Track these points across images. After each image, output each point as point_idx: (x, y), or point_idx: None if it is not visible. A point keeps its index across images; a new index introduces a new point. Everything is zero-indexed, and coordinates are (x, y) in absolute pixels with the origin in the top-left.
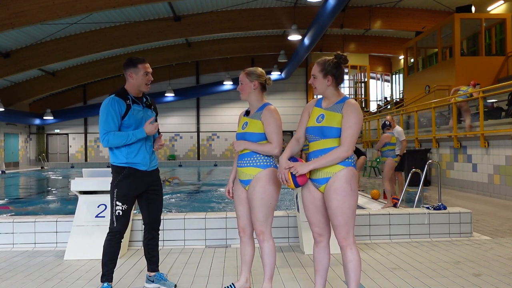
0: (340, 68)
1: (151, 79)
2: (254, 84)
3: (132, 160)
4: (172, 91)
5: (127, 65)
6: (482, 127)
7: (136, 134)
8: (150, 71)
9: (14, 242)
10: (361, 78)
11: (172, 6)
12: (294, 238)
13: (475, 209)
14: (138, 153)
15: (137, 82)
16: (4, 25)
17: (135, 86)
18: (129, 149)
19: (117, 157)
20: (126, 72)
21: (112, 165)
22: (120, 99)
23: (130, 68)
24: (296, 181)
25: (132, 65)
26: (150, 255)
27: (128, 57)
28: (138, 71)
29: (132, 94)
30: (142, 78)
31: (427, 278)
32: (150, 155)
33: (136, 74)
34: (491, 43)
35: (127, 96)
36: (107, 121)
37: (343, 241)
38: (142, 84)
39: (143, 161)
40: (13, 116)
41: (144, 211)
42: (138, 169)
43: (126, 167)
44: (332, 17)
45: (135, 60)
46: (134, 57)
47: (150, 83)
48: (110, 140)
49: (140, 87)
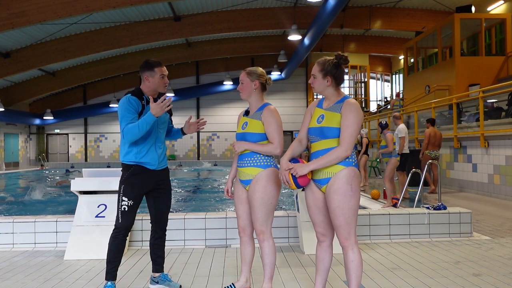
0: (340, 68)
1: (168, 81)
2: (255, 83)
3: (141, 160)
4: (172, 91)
5: (143, 68)
6: (482, 127)
7: (145, 119)
8: (167, 73)
9: (14, 242)
10: (361, 78)
11: (172, 6)
12: (294, 238)
13: (475, 209)
14: (147, 153)
15: (153, 85)
16: (4, 25)
17: (151, 88)
18: (138, 149)
19: (127, 156)
20: (143, 75)
21: (122, 163)
22: (136, 98)
23: (146, 71)
24: (297, 182)
25: (148, 68)
26: (156, 255)
27: (146, 58)
28: (154, 74)
29: (147, 95)
30: (159, 81)
31: (427, 278)
32: (159, 156)
33: (152, 77)
34: (491, 43)
35: (142, 96)
36: (124, 117)
37: (344, 241)
38: (159, 86)
39: (151, 161)
40: (13, 116)
41: (151, 210)
42: (146, 167)
43: (134, 164)
44: (332, 17)
45: (152, 63)
46: (151, 60)
47: (167, 85)
48: (125, 136)
49: (158, 89)
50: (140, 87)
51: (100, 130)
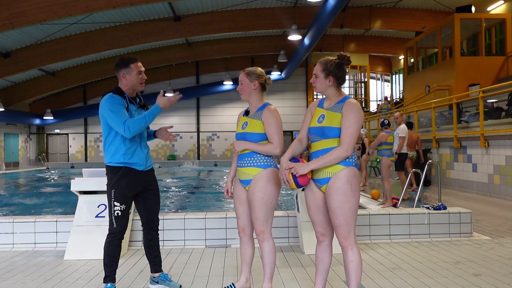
0: (342, 68)
1: (145, 77)
2: (254, 84)
3: (129, 161)
4: (172, 91)
5: (119, 66)
6: (482, 127)
7: (152, 111)
8: (143, 69)
9: (14, 242)
10: (361, 78)
11: (172, 6)
12: (294, 238)
13: (475, 209)
14: (134, 153)
15: (130, 82)
16: (4, 25)
17: (129, 86)
18: (126, 149)
19: (113, 157)
20: (119, 73)
21: (108, 166)
22: (118, 96)
23: (122, 69)
24: (297, 182)
25: (124, 65)
26: (152, 256)
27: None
28: (131, 71)
29: (127, 93)
30: (136, 78)
31: (427, 278)
32: (145, 155)
33: (129, 75)
34: (491, 43)
35: (124, 95)
36: (118, 113)
37: (344, 241)
38: (136, 84)
39: (139, 161)
40: (13, 116)
41: (141, 211)
42: (134, 168)
43: (122, 167)
44: (332, 17)
45: (127, 60)
46: (125, 57)
47: (144, 82)
48: (130, 127)
49: (135, 86)
50: (118, 86)
51: (100, 130)
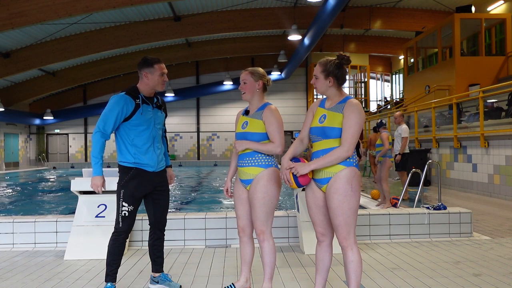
0: (342, 68)
1: (167, 79)
2: (258, 83)
3: (140, 160)
4: (172, 91)
5: (142, 65)
6: (482, 127)
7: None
8: (166, 71)
9: (14, 242)
10: (361, 78)
11: (172, 6)
12: (294, 238)
13: (475, 209)
14: (146, 153)
15: (152, 82)
16: (4, 25)
17: (150, 86)
18: (137, 149)
19: (125, 156)
20: (141, 72)
21: (119, 165)
22: (129, 98)
23: (145, 68)
24: (298, 181)
25: (147, 65)
26: (156, 255)
27: (143, 56)
28: (154, 71)
29: (143, 93)
30: (158, 79)
31: (427, 278)
32: (157, 156)
33: (151, 74)
34: (491, 43)
35: (137, 95)
36: (107, 117)
37: (344, 241)
38: (158, 84)
39: (150, 162)
40: (13, 116)
41: (150, 211)
42: (145, 169)
43: (133, 167)
44: (332, 17)
45: (151, 60)
46: (149, 57)
47: (165, 83)
48: (93, 140)
49: (156, 87)
50: (136, 85)
51: None
